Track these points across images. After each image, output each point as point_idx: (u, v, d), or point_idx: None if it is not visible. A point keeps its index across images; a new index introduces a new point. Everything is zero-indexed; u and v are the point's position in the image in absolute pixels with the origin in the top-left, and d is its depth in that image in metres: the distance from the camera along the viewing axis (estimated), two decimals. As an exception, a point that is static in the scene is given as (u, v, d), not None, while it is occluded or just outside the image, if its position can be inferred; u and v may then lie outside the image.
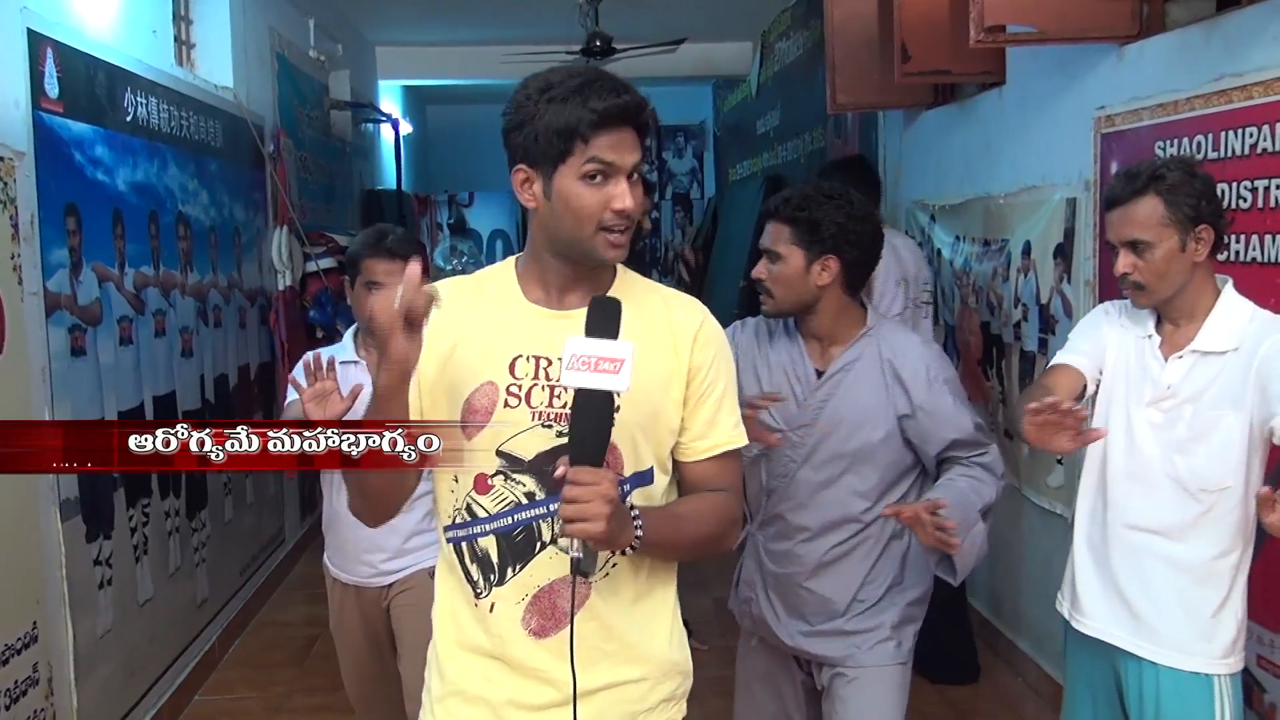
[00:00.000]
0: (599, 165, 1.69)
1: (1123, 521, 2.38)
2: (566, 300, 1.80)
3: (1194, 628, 2.32)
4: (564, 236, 1.74)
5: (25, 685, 3.15)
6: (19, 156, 3.23)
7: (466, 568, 1.80)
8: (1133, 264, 2.28)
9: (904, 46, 4.46)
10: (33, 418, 3.25)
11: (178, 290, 4.47)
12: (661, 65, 8.66)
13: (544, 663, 1.76)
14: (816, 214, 2.48)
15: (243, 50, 5.56)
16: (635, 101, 1.71)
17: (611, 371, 1.59)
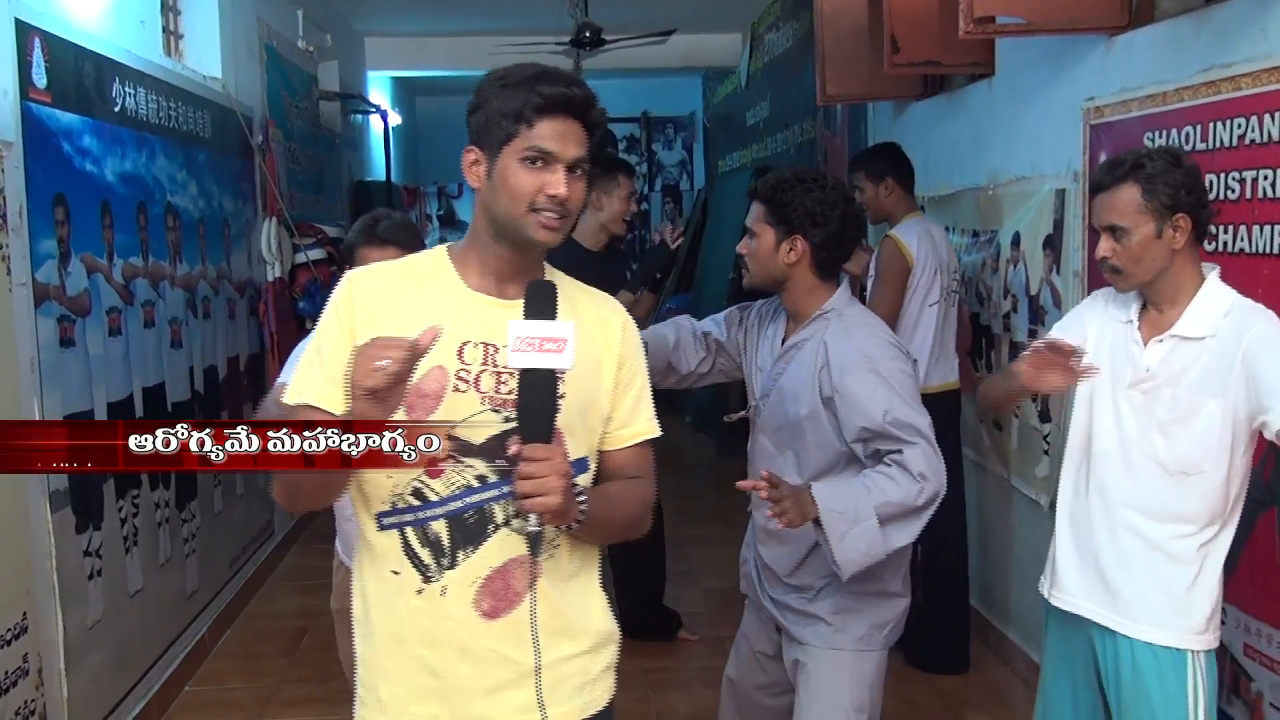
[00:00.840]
0: (538, 151, 1.77)
1: (1102, 499, 2.46)
2: (507, 290, 1.85)
3: (1169, 603, 2.38)
4: (499, 215, 1.81)
5: (15, 676, 3.14)
6: (7, 147, 3.21)
7: (414, 553, 1.81)
8: (1111, 248, 2.37)
9: (893, 38, 4.47)
10: (21, 409, 3.24)
11: (166, 281, 4.46)
12: (651, 56, 8.65)
13: (494, 643, 1.82)
14: (786, 196, 2.63)
15: (231, 41, 5.54)
16: (583, 95, 1.79)
17: (555, 351, 1.68)
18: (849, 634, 2.65)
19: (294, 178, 6.66)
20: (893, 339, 2.69)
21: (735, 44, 9.42)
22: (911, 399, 2.55)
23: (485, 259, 1.86)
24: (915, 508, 2.48)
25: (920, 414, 2.53)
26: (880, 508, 2.45)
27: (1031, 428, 4.15)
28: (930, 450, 2.50)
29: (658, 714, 4.18)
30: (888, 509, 2.46)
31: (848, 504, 2.46)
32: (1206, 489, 2.34)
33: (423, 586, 1.81)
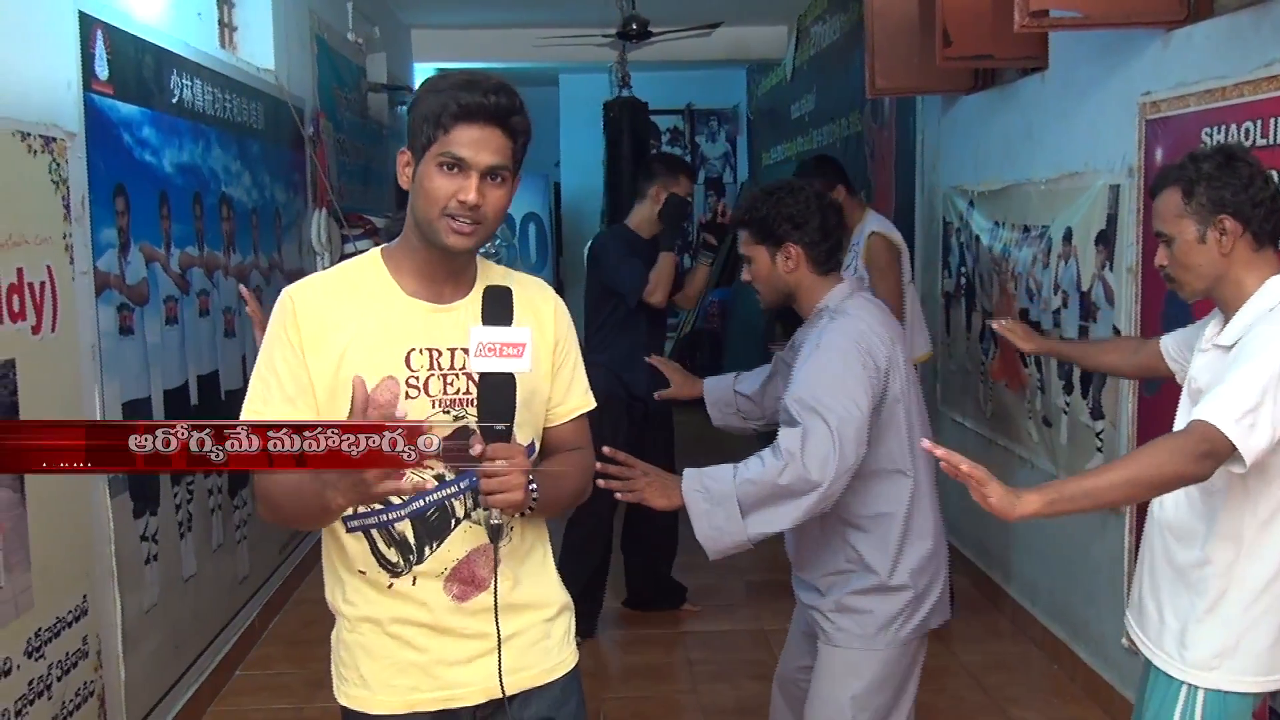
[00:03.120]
0: (452, 158, 1.81)
1: (1152, 517, 2.41)
2: (443, 294, 1.92)
3: (1177, 630, 2.29)
4: (419, 218, 1.85)
5: (75, 657, 3.21)
6: (70, 137, 3.27)
7: (381, 553, 1.91)
8: (1164, 256, 2.31)
9: (945, 31, 4.44)
10: (82, 396, 3.30)
11: (221, 271, 4.51)
12: (696, 49, 8.64)
13: (466, 623, 1.93)
14: (762, 211, 2.71)
15: (284, 33, 5.59)
16: (499, 103, 1.81)
17: (515, 355, 1.79)
18: (851, 632, 2.68)
19: (343, 169, 6.72)
20: (865, 339, 2.60)
21: (781, 36, 9.38)
22: (833, 388, 2.51)
23: (417, 262, 1.91)
24: (778, 487, 2.45)
25: (833, 404, 2.48)
26: (741, 486, 2.47)
27: (1083, 425, 4.12)
28: (821, 437, 2.45)
29: (703, 706, 4.20)
30: (748, 488, 2.47)
31: (712, 483, 2.50)
32: (1224, 510, 2.22)
33: (391, 581, 1.92)
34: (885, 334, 2.66)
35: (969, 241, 5.26)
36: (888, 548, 2.66)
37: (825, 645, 2.73)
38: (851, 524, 2.68)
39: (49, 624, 3.06)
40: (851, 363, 2.56)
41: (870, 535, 2.67)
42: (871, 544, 2.67)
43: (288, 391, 1.85)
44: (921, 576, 2.70)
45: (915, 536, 2.68)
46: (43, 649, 3.03)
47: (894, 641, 2.68)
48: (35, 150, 3.07)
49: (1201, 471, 2.07)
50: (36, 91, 3.13)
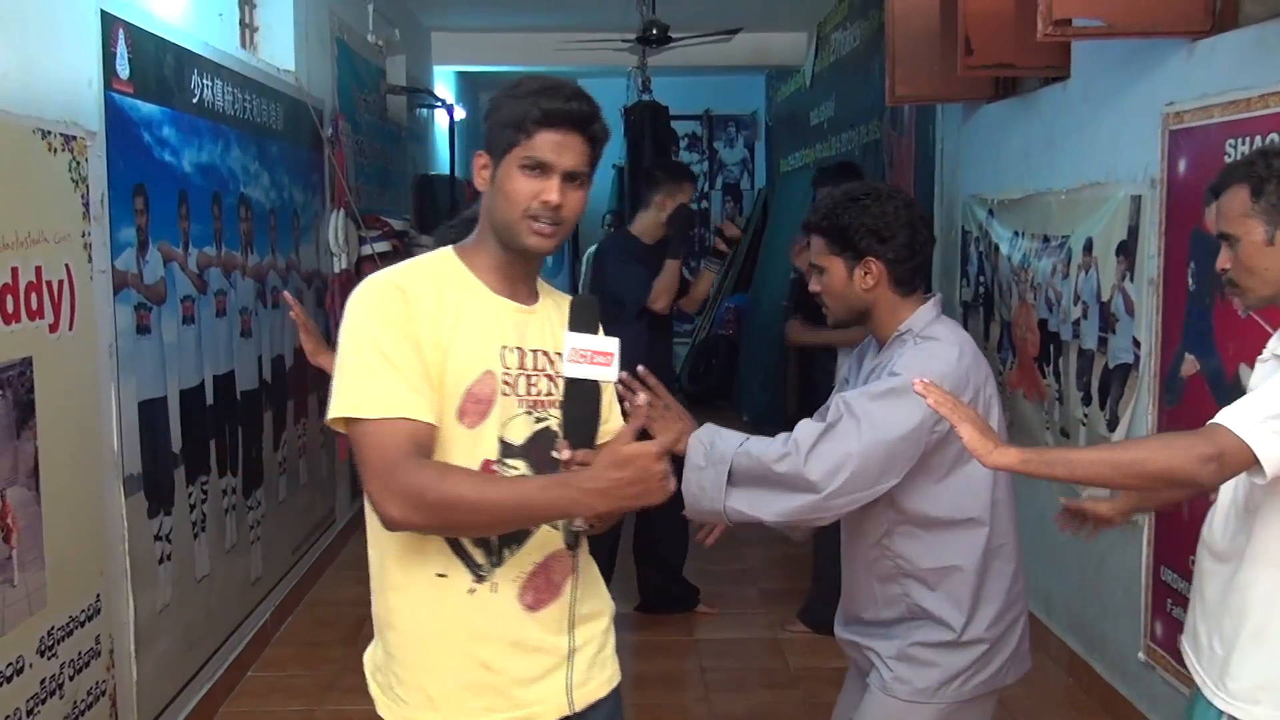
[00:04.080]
0: (535, 160, 1.83)
1: (1202, 537, 2.26)
2: (520, 294, 1.95)
3: (1219, 657, 2.15)
4: (497, 220, 1.88)
5: (88, 656, 3.20)
6: (91, 136, 3.27)
7: (466, 553, 1.86)
8: (1226, 259, 2.11)
9: (967, 39, 4.42)
10: (100, 395, 3.31)
11: (238, 271, 4.52)
12: (715, 54, 8.63)
13: (537, 634, 1.91)
14: (843, 220, 2.41)
15: (304, 34, 5.60)
16: (582, 110, 1.86)
17: (604, 364, 1.84)
18: (911, 684, 2.41)
19: (361, 170, 6.72)
20: (953, 369, 2.34)
21: (800, 43, 9.37)
22: (890, 403, 2.27)
23: (497, 262, 1.92)
24: (772, 473, 2.25)
25: (881, 419, 2.26)
26: (739, 456, 2.28)
27: (1101, 436, 4.09)
28: (844, 443, 2.24)
29: (716, 714, 4.17)
30: (744, 460, 2.27)
31: (718, 441, 2.31)
32: (1263, 530, 2.08)
33: (474, 586, 1.87)
34: (975, 364, 2.40)
35: (988, 251, 5.23)
36: (960, 603, 2.39)
37: (879, 691, 2.45)
38: (915, 577, 2.41)
39: (62, 623, 3.06)
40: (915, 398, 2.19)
41: (936, 592, 2.40)
42: (939, 600, 2.40)
43: (412, 382, 1.78)
44: (996, 628, 2.42)
45: (990, 590, 2.41)
46: (55, 648, 3.03)
47: (957, 697, 2.40)
48: (55, 149, 3.07)
49: (1201, 475, 1.92)
50: (57, 89, 3.13)
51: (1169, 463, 1.94)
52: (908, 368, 2.30)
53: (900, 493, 2.34)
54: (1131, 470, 1.98)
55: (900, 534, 2.40)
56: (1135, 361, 3.86)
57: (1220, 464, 1.90)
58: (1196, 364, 3.48)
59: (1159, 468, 1.95)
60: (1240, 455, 1.90)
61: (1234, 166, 2.15)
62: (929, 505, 2.37)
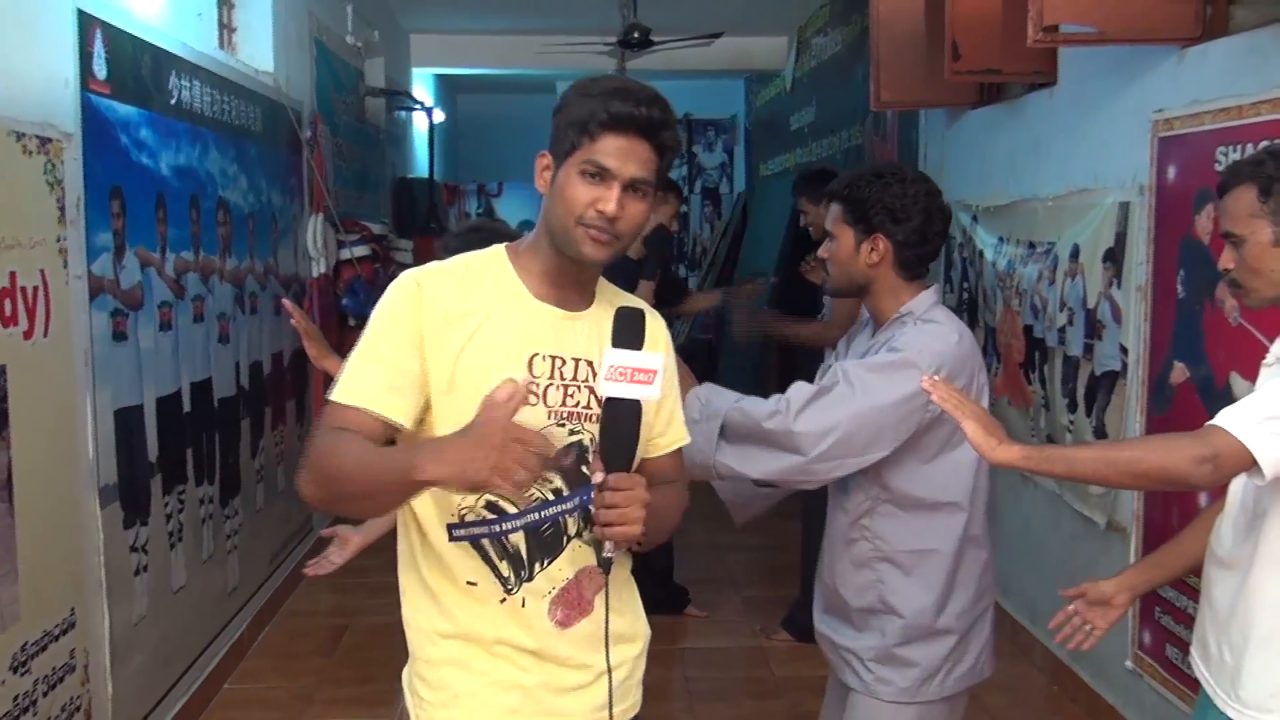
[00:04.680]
0: (596, 166, 1.74)
1: (1210, 545, 2.22)
2: (569, 300, 1.85)
3: (1229, 666, 2.11)
4: (553, 223, 1.79)
5: (63, 671, 3.13)
6: (67, 138, 3.20)
7: (494, 564, 1.80)
8: (1230, 259, 2.08)
9: (955, 45, 4.40)
10: (76, 403, 3.23)
11: (216, 276, 4.44)
12: (695, 58, 8.62)
13: (569, 651, 1.84)
14: (864, 192, 2.44)
15: (283, 34, 5.53)
16: (650, 116, 1.75)
17: (645, 382, 1.72)
18: (894, 685, 2.44)
19: (339, 173, 6.65)
20: (950, 350, 2.38)
21: (781, 47, 9.36)
22: (889, 375, 2.32)
23: (548, 266, 1.83)
24: (761, 430, 2.31)
25: (878, 389, 2.30)
26: (732, 412, 2.35)
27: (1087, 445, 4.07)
28: (836, 407, 2.28)
29: (700, 725, 4.14)
30: (736, 416, 2.34)
31: (714, 398, 2.39)
32: (1268, 535, 2.05)
33: (505, 597, 1.81)
34: (972, 350, 2.45)
35: (972, 257, 5.21)
36: (933, 589, 2.41)
37: (862, 696, 2.47)
38: (891, 560, 2.43)
39: (36, 637, 2.99)
40: (923, 366, 2.29)
41: (911, 575, 2.42)
42: (912, 584, 2.42)
43: (392, 379, 1.73)
44: (965, 619, 2.45)
45: (964, 577, 2.44)
46: (29, 663, 2.95)
47: (939, 694, 2.44)
48: (31, 150, 3.00)
49: (1194, 476, 1.90)
50: (33, 90, 3.06)
51: (1162, 462, 1.93)
52: (909, 345, 2.36)
53: (888, 469, 2.38)
54: (1126, 469, 1.98)
55: (881, 513, 2.43)
56: (1123, 369, 3.84)
57: (1215, 465, 1.89)
58: (1186, 371, 3.46)
59: (1153, 467, 1.95)
60: (1238, 456, 1.89)
61: (1241, 166, 2.11)
62: (914, 485, 2.40)
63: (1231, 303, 3.21)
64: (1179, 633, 3.54)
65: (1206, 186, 3.34)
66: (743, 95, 11.51)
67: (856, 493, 2.45)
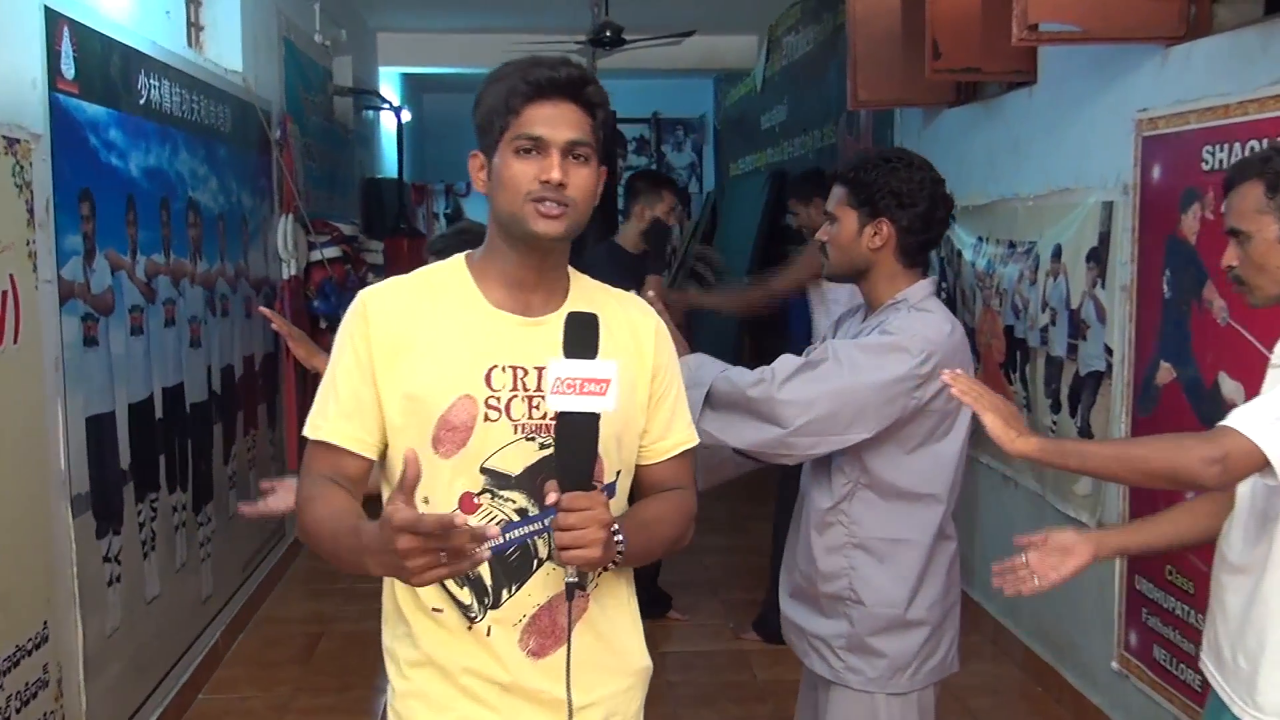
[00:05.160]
0: (528, 138, 1.65)
1: (1219, 550, 2.19)
2: (532, 304, 1.75)
3: (1245, 672, 2.07)
4: (502, 214, 1.70)
5: (35, 687, 3.04)
6: (35, 139, 3.10)
7: (453, 595, 1.71)
8: (1234, 255, 2.04)
9: (935, 43, 4.37)
10: (45, 411, 3.14)
11: (187, 279, 4.35)
12: (665, 57, 8.56)
13: (542, 683, 1.72)
14: (869, 176, 2.42)
15: (252, 33, 5.44)
16: (570, 75, 1.67)
17: (598, 394, 1.56)
18: (864, 674, 2.44)
19: (309, 174, 6.55)
20: (942, 338, 2.36)
21: (751, 46, 9.33)
22: (878, 355, 2.32)
23: (504, 268, 1.74)
24: (745, 398, 2.32)
25: (865, 367, 2.30)
26: (719, 380, 2.37)
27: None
28: (822, 381, 2.29)
29: (685, 730, 4.09)
30: (723, 385, 2.36)
31: (703, 366, 2.40)
32: (1278, 534, 2.02)
33: (470, 626, 1.72)
34: (963, 343, 2.44)
35: (950, 256, 5.20)
36: (906, 580, 2.42)
37: (836, 686, 2.46)
38: (864, 548, 2.43)
39: (8, 653, 2.89)
40: (914, 351, 2.31)
41: (883, 563, 2.42)
42: (883, 573, 2.42)
43: (345, 408, 1.68)
44: (936, 611, 2.46)
45: (934, 569, 2.44)
46: (0, 680, 2.86)
47: (909, 686, 2.43)
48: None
49: (1204, 477, 1.89)
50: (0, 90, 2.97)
51: (1172, 462, 1.93)
52: (901, 329, 2.35)
53: (870, 455, 2.38)
54: (1136, 467, 1.97)
55: (860, 498, 2.43)
56: (1108, 369, 3.83)
57: (1225, 466, 1.87)
58: (1173, 372, 3.45)
59: (1162, 466, 1.94)
60: (1249, 457, 1.87)
61: (1248, 162, 2.08)
62: (895, 474, 2.40)
63: (1220, 303, 3.20)
64: (1166, 634, 3.53)
65: (1192, 186, 3.33)
66: (711, 95, 11.48)
67: (838, 475, 2.44)
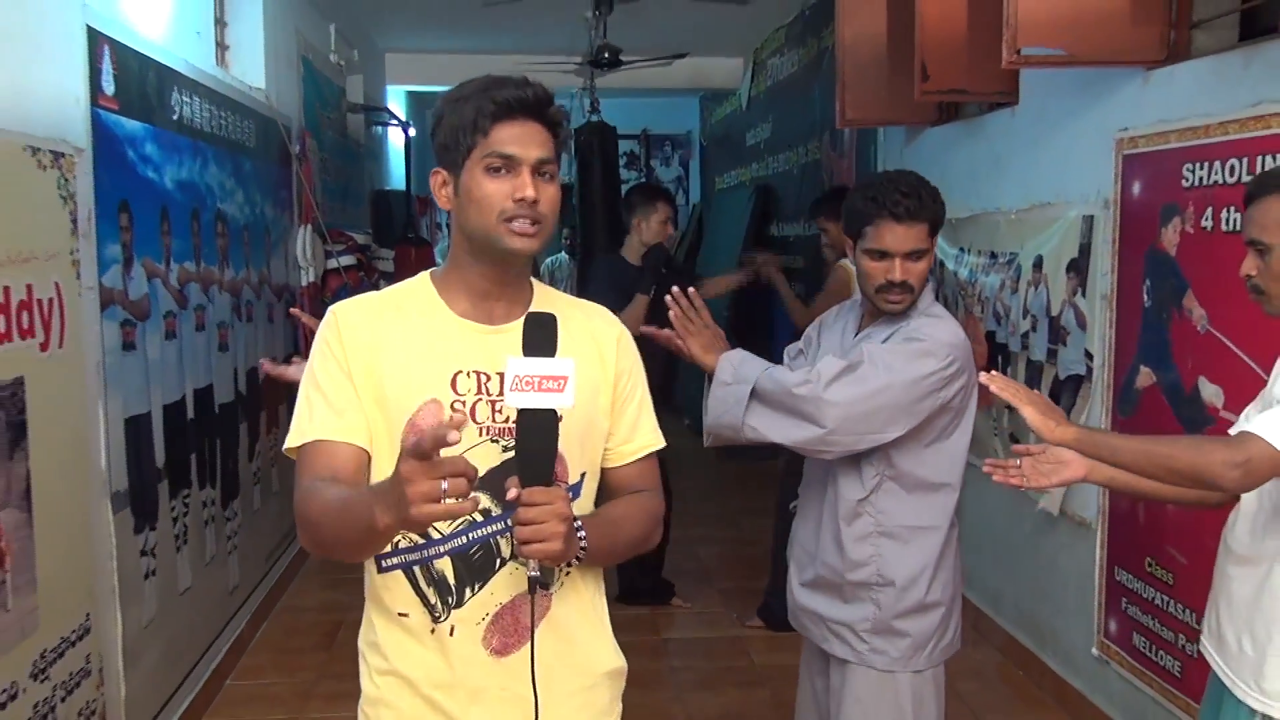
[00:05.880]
0: (499, 157, 1.60)
1: (1225, 541, 2.16)
2: (495, 314, 1.69)
3: (1251, 659, 2.03)
4: (472, 231, 1.63)
5: (79, 676, 2.97)
6: (79, 153, 3.04)
7: (421, 592, 1.66)
8: (1254, 266, 2.00)
9: (924, 66, 4.34)
10: (88, 412, 3.07)
11: (216, 286, 4.28)
12: (655, 77, 8.50)
13: (506, 681, 1.66)
14: (941, 211, 2.49)
15: (273, 53, 5.35)
16: (536, 94, 1.62)
17: (556, 390, 1.50)
18: (888, 655, 2.45)
19: (325, 186, 6.47)
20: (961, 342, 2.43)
21: (736, 68, 9.28)
22: (910, 361, 2.33)
23: (468, 280, 1.69)
24: (792, 396, 2.31)
25: (901, 371, 2.31)
26: (763, 379, 2.35)
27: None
28: (861, 384, 2.29)
29: (690, 714, 4.03)
30: (768, 383, 2.35)
31: (745, 364, 2.39)
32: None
33: (434, 627, 1.66)
34: (966, 342, 2.48)
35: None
36: (927, 565, 2.44)
37: (857, 668, 2.46)
38: (890, 535, 2.44)
39: (54, 644, 2.83)
40: (940, 355, 2.36)
41: (909, 547, 2.44)
42: (907, 558, 2.44)
43: (335, 405, 1.62)
44: (949, 591, 2.50)
45: (949, 551, 2.48)
46: (47, 670, 2.79)
47: (927, 664, 2.46)
48: (45, 165, 2.84)
49: (1224, 478, 1.86)
50: (45, 106, 2.90)
51: (1194, 462, 1.91)
52: (928, 335, 2.39)
53: (894, 450, 2.40)
54: (1161, 464, 1.95)
55: (885, 490, 2.44)
56: (1088, 373, 3.80)
57: (1246, 470, 1.86)
58: (1152, 376, 3.42)
59: (1185, 465, 1.92)
60: (1270, 461, 1.85)
61: (1269, 176, 2.04)
62: (916, 466, 2.42)
63: (1200, 311, 3.18)
64: (1146, 622, 3.50)
65: (1173, 201, 3.30)
66: (697, 112, 11.42)
67: (867, 469, 2.44)
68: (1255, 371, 2.88)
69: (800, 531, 2.64)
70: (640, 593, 5.00)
